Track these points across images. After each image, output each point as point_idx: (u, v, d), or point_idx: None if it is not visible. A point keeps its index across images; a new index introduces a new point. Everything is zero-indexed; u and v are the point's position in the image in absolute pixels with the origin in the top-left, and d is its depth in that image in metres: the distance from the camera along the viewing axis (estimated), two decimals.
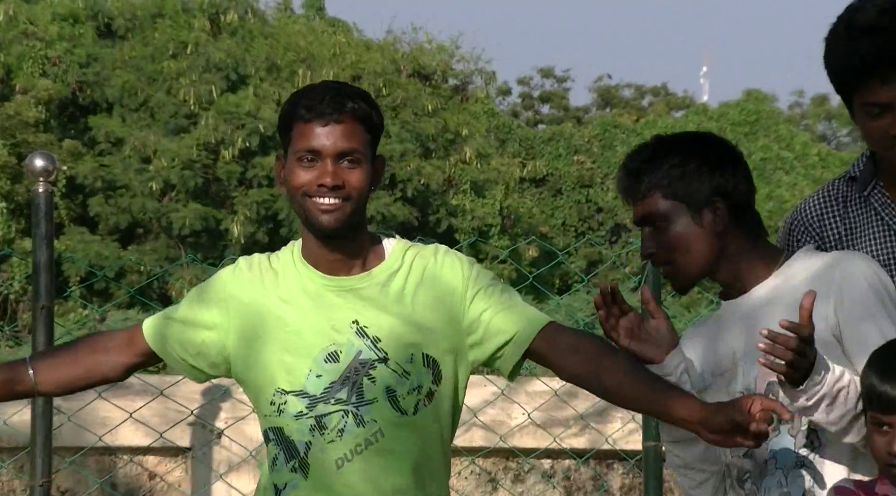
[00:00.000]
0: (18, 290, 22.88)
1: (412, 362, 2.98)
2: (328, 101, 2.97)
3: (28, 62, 25.64)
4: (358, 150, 2.97)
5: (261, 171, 26.04)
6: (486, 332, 3.01)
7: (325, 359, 2.98)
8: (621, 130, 32.93)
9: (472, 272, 3.03)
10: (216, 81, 26.24)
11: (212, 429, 5.19)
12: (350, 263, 3.04)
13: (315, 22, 31.86)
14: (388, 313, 3.00)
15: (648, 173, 3.05)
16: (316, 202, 2.97)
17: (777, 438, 2.96)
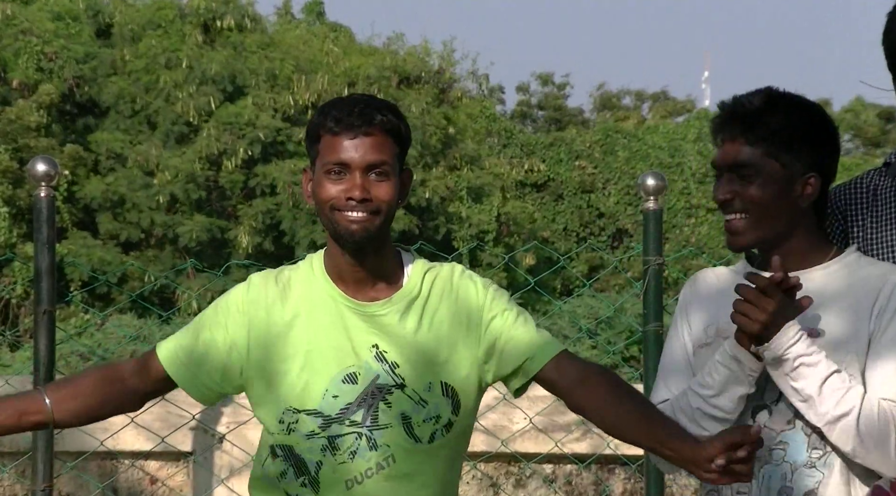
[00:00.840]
0: (20, 295, 22.89)
1: (430, 391, 2.97)
2: (357, 114, 2.94)
3: (24, 57, 25.65)
4: (387, 162, 2.95)
5: (263, 179, 26.08)
6: (499, 359, 3.00)
7: (343, 380, 2.97)
8: (623, 135, 32.93)
9: (488, 297, 3.02)
10: (214, 93, 26.28)
11: (213, 434, 5.19)
12: (373, 281, 3.01)
13: (315, 27, 31.87)
14: (406, 341, 2.98)
15: (757, 122, 2.98)
16: (345, 215, 2.94)
17: (791, 432, 2.94)
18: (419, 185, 26.58)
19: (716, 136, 3.02)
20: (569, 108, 45.45)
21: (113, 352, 12.62)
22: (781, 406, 2.94)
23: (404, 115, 3.05)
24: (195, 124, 26.30)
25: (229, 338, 3.03)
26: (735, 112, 3.00)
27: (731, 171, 2.98)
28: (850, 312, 2.94)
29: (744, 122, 2.98)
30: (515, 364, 2.99)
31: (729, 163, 2.98)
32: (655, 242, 4.67)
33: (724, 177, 2.99)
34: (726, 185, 2.99)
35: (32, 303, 4.52)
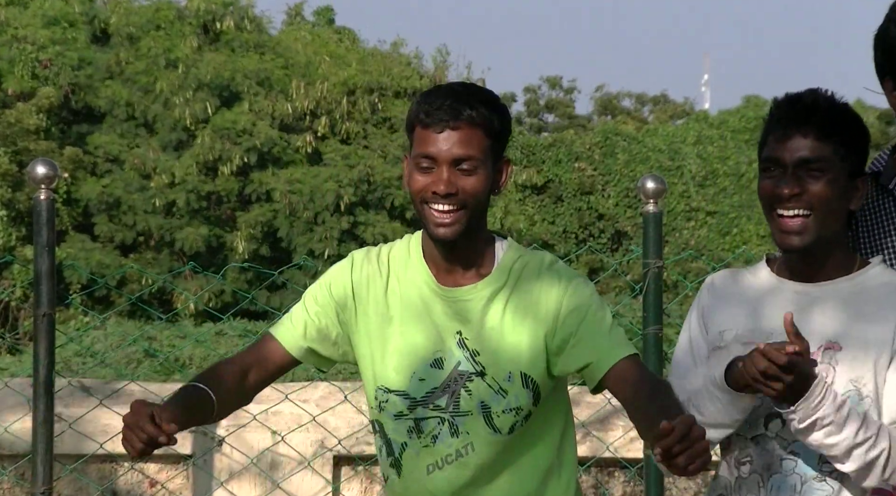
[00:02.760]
0: (20, 298, 22.87)
1: (510, 381, 2.98)
2: (446, 108, 2.95)
3: (19, 65, 25.64)
4: (474, 156, 2.95)
5: (259, 186, 26.07)
6: (566, 357, 2.99)
7: (431, 365, 3.01)
8: (622, 138, 32.93)
9: (569, 291, 2.99)
10: (209, 99, 26.26)
11: (213, 437, 5.19)
12: (463, 269, 3.04)
13: (320, 29, 31.83)
14: (489, 329, 3.00)
15: (830, 119, 2.93)
16: (431, 209, 2.96)
17: (803, 442, 2.90)
18: None
19: (780, 130, 2.93)
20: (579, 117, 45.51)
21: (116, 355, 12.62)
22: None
23: (503, 105, 3.04)
24: (192, 129, 26.29)
25: (335, 314, 3.09)
26: (808, 106, 2.93)
27: (798, 166, 2.90)
28: (876, 324, 2.91)
29: (817, 117, 2.92)
30: (578, 365, 2.98)
31: (798, 157, 2.90)
32: (655, 245, 4.67)
33: (790, 171, 2.90)
34: (793, 180, 2.90)
35: (32, 306, 4.52)
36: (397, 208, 26.56)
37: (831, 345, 2.90)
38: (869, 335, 2.89)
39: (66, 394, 5.02)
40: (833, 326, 2.91)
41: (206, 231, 25.46)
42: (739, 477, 2.97)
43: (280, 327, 3.14)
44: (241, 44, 27.97)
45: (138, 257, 25.60)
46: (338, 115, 27.15)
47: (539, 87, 46.42)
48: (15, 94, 25.38)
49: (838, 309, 2.92)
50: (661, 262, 4.68)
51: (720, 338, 3.00)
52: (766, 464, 2.94)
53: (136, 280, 24.30)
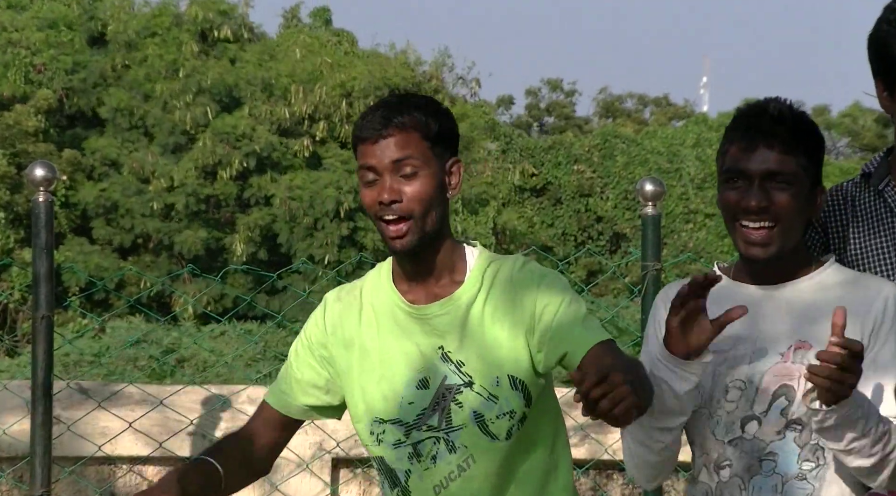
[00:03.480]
0: (18, 300, 22.88)
1: (499, 386, 2.96)
2: (378, 117, 2.96)
3: (12, 70, 25.64)
4: (412, 156, 2.94)
5: (258, 191, 26.07)
6: (547, 350, 2.96)
7: (416, 386, 3.00)
8: (621, 140, 32.95)
9: (542, 286, 2.98)
10: (210, 104, 26.27)
11: (211, 440, 5.18)
12: (434, 280, 3.02)
13: (320, 31, 31.81)
14: (470, 338, 2.98)
15: (794, 130, 2.93)
16: (385, 227, 2.95)
17: (781, 442, 2.92)
18: None
19: (745, 141, 2.93)
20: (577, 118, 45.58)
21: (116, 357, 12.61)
22: (771, 417, 2.91)
23: (443, 109, 3.03)
24: (191, 133, 26.29)
25: (314, 366, 3.10)
26: (774, 118, 2.93)
27: (765, 178, 2.91)
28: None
29: (783, 129, 2.92)
30: (557, 356, 2.95)
31: (763, 169, 2.90)
32: (654, 247, 4.67)
33: (757, 183, 2.90)
34: (760, 192, 2.90)
35: (30, 309, 4.52)
36: None
37: (801, 344, 2.91)
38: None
39: (64, 397, 5.02)
40: (800, 326, 2.91)
41: (205, 234, 25.46)
42: (720, 481, 2.96)
43: (271, 392, 3.14)
44: (239, 49, 27.95)
45: (137, 260, 25.61)
46: (336, 118, 27.16)
47: (539, 89, 46.49)
48: (8, 97, 25.38)
49: (803, 309, 2.93)
50: (659, 265, 4.68)
51: None
52: (745, 466, 2.93)
53: (134, 283, 24.30)
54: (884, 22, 3.06)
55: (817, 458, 2.92)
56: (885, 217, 3.13)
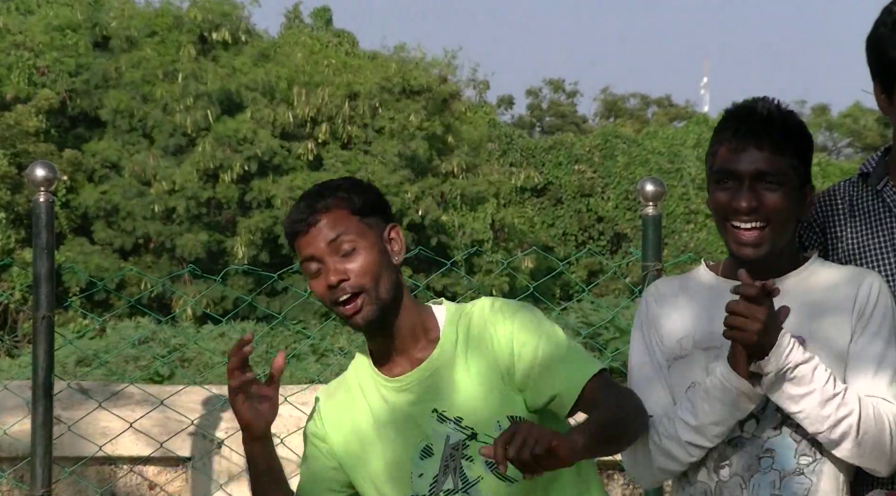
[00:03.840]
0: (18, 300, 22.88)
1: (501, 428, 2.95)
2: (302, 208, 2.99)
3: (16, 72, 25.66)
4: (345, 233, 2.96)
5: (259, 194, 26.07)
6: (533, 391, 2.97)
7: (420, 457, 3.01)
8: (622, 140, 32.95)
9: (516, 326, 2.97)
10: (210, 107, 26.27)
11: (212, 440, 5.18)
12: (407, 348, 3.03)
13: (321, 32, 31.82)
14: (459, 392, 2.99)
15: (782, 130, 2.94)
16: (340, 309, 2.97)
17: (778, 438, 2.93)
18: (413, 201, 26.52)
19: (735, 141, 2.93)
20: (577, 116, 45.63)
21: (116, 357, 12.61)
22: (768, 413, 2.92)
23: (362, 184, 3.05)
24: (192, 136, 26.29)
25: (326, 462, 3.12)
26: (764, 119, 2.94)
27: (755, 178, 2.92)
28: (830, 315, 2.95)
29: (773, 129, 2.94)
30: (545, 398, 2.96)
31: (753, 170, 2.91)
32: (654, 248, 4.67)
33: (747, 184, 2.92)
34: (750, 193, 2.91)
35: (31, 309, 4.52)
36: (395, 214, 26.60)
37: (797, 339, 2.91)
38: (830, 328, 2.93)
39: (65, 397, 5.02)
40: (794, 321, 2.92)
41: (205, 237, 25.46)
42: (720, 481, 2.96)
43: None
44: (236, 53, 27.92)
45: (137, 261, 25.61)
46: (339, 120, 27.15)
47: (540, 89, 46.51)
48: (12, 98, 25.39)
49: (794, 304, 2.93)
50: (660, 265, 4.67)
51: (679, 347, 3.00)
52: (745, 465, 2.94)
53: (135, 283, 24.30)
54: (881, 25, 3.07)
55: (814, 453, 2.93)
56: (883, 217, 3.13)
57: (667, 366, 3.02)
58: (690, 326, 3.00)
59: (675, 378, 2.99)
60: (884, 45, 3.04)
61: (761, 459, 2.93)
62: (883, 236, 3.12)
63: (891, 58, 3.02)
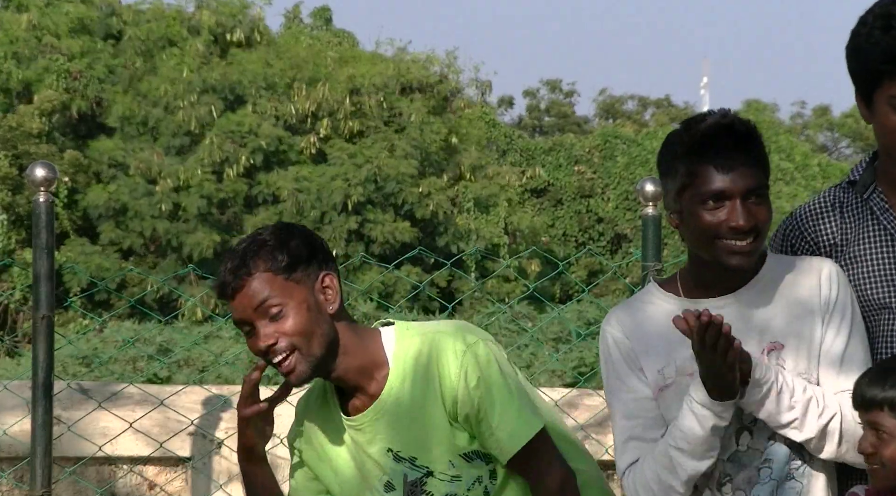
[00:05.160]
0: (19, 300, 22.88)
1: (455, 466, 3.02)
2: (227, 275, 2.99)
3: (52, 76, 25.70)
4: (271, 297, 2.96)
5: (266, 188, 26.06)
6: (477, 434, 3.03)
7: (385, 490, 3.06)
8: (622, 141, 32.93)
9: (462, 376, 2.98)
10: (215, 102, 26.27)
11: (212, 440, 5.18)
12: (363, 386, 3.05)
13: (320, 32, 31.81)
14: (409, 431, 3.02)
15: (759, 145, 2.94)
16: (277, 368, 3.00)
17: (774, 447, 2.94)
18: (424, 196, 26.46)
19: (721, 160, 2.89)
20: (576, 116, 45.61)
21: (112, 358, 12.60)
22: (761, 424, 2.93)
23: (287, 234, 3.03)
24: (196, 133, 26.27)
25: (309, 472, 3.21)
26: (744, 134, 2.93)
27: (753, 194, 2.91)
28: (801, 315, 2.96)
29: (754, 143, 2.94)
30: (488, 450, 3.02)
31: (745, 188, 2.90)
32: (654, 248, 4.67)
33: (740, 202, 2.89)
34: (745, 211, 2.89)
35: (31, 309, 4.52)
36: (405, 206, 26.51)
37: (773, 345, 2.94)
38: (799, 327, 2.95)
39: (64, 397, 5.02)
40: (767, 327, 2.94)
41: (217, 237, 25.46)
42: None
43: None
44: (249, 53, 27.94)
45: (139, 261, 25.59)
46: (341, 115, 27.12)
47: (538, 90, 46.50)
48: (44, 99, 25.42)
49: (764, 310, 2.95)
50: (660, 265, 4.68)
51: (662, 377, 2.98)
52: (746, 478, 2.95)
53: (136, 284, 24.29)
54: (857, 34, 3.07)
55: (803, 456, 2.95)
56: (871, 226, 3.13)
57: (652, 398, 3.00)
58: (667, 355, 2.98)
59: (664, 407, 2.98)
60: (861, 54, 3.04)
61: (760, 470, 2.95)
62: (873, 244, 3.11)
63: (868, 67, 3.02)
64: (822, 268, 3.00)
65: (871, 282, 3.08)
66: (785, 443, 2.93)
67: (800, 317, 2.95)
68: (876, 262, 3.09)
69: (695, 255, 2.99)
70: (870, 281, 3.08)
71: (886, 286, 3.06)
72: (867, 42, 3.02)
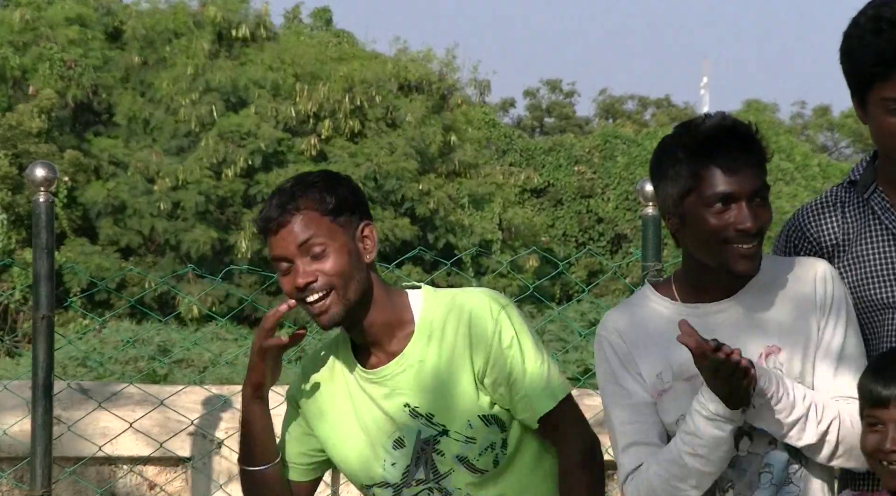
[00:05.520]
0: (19, 300, 22.87)
1: (472, 427, 3.02)
2: (274, 208, 3.01)
3: (45, 64, 25.70)
4: (317, 235, 2.98)
5: (265, 187, 26.06)
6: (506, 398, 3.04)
7: (393, 447, 3.06)
8: (622, 141, 32.94)
9: (497, 334, 3.02)
10: (216, 102, 26.26)
11: (212, 440, 5.18)
12: (383, 340, 3.06)
13: (320, 32, 31.80)
14: (432, 389, 3.03)
15: (760, 146, 2.94)
16: (308, 307, 3.00)
17: (774, 452, 2.94)
18: (424, 194, 26.48)
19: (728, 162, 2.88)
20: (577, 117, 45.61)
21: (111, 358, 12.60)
22: (761, 429, 2.92)
23: (337, 180, 3.06)
24: (196, 132, 26.26)
25: (301, 428, 3.19)
26: (746, 136, 2.92)
27: (757, 195, 2.91)
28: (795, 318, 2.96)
29: (754, 146, 2.93)
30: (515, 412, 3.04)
31: (751, 190, 2.89)
32: (654, 248, 4.67)
33: (746, 204, 2.88)
34: (751, 213, 2.88)
35: (31, 309, 4.52)
36: (405, 203, 26.50)
37: (771, 348, 2.93)
38: (796, 328, 2.94)
39: (64, 397, 5.02)
40: (764, 331, 2.94)
41: (215, 234, 25.45)
42: None
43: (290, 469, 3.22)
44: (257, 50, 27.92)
45: (138, 261, 25.58)
46: (341, 114, 27.11)
47: (538, 90, 46.50)
48: (37, 90, 25.42)
49: (761, 313, 2.95)
50: (660, 265, 4.68)
51: (661, 382, 2.98)
52: (747, 483, 2.95)
53: (136, 283, 24.28)
54: (850, 36, 3.08)
55: (799, 459, 2.95)
56: (872, 225, 3.13)
57: (650, 402, 2.99)
58: (665, 359, 2.97)
59: (662, 412, 2.98)
60: (853, 57, 3.05)
61: (761, 475, 2.95)
62: (872, 243, 3.12)
63: (860, 69, 3.03)
64: (816, 268, 3.00)
65: (874, 282, 3.08)
66: (784, 448, 2.93)
67: (797, 319, 2.95)
68: (878, 262, 3.09)
69: (694, 259, 2.97)
70: (872, 280, 3.08)
71: (889, 285, 3.06)
72: (858, 45, 3.02)
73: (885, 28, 2.98)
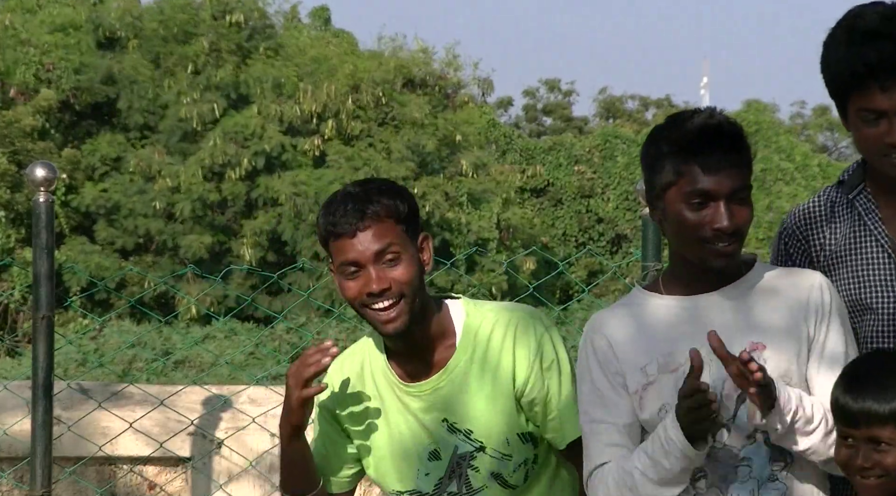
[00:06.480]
0: (18, 300, 22.87)
1: (510, 444, 3.05)
2: (350, 211, 2.99)
3: (22, 68, 25.68)
4: (393, 244, 2.99)
5: (266, 192, 26.04)
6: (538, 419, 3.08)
7: (428, 458, 3.08)
8: (622, 140, 32.93)
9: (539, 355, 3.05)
10: (218, 100, 26.23)
11: (212, 440, 5.18)
12: (425, 354, 3.07)
13: (318, 32, 31.78)
14: (471, 405, 3.05)
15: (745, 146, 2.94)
16: (374, 313, 3.00)
17: (753, 446, 2.94)
18: (419, 197, 26.47)
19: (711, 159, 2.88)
20: (576, 119, 45.60)
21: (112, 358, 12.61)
22: (739, 423, 2.92)
23: (403, 189, 3.08)
24: (198, 131, 26.22)
25: (339, 439, 3.18)
26: (732, 134, 2.92)
27: (739, 193, 2.91)
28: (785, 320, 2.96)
29: (740, 145, 2.94)
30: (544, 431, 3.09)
31: (730, 189, 2.89)
32: (654, 248, 4.67)
33: (724, 204, 2.88)
34: (728, 212, 2.88)
35: (31, 309, 4.52)
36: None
37: (755, 345, 2.93)
38: (785, 330, 2.94)
39: (65, 397, 5.02)
40: (749, 328, 2.94)
41: (210, 239, 25.42)
42: (697, 492, 2.96)
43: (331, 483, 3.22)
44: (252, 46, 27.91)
45: (138, 260, 25.57)
46: (343, 114, 27.09)
47: (537, 89, 46.49)
48: (18, 92, 25.43)
49: (748, 310, 2.95)
50: (660, 265, 4.67)
51: (645, 375, 2.97)
52: (722, 475, 2.94)
53: (136, 283, 24.28)
54: (826, 47, 3.10)
55: (784, 458, 2.95)
56: (857, 226, 3.14)
57: (638, 396, 2.98)
58: (650, 353, 2.97)
59: (646, 403, 2.97)
60: (830, 68, 3.07)
61: (738, 468, 2.94)
62: (855, 244, 3.12)
63: (837, 80, 3.05)
64: (813, 278, 3.01)
65: (856, 283, 3.09)
66: (765, 443, 2.93)
67: (786, 320, 2.95)
68: (860, 263, 3.10)
69: (678, 253, 3.00)
70: (854, 282, 3.10)
71: (869, 287, 3.07)
72: (834, 56, 3.05)
73: (859, 40, 2.99)
